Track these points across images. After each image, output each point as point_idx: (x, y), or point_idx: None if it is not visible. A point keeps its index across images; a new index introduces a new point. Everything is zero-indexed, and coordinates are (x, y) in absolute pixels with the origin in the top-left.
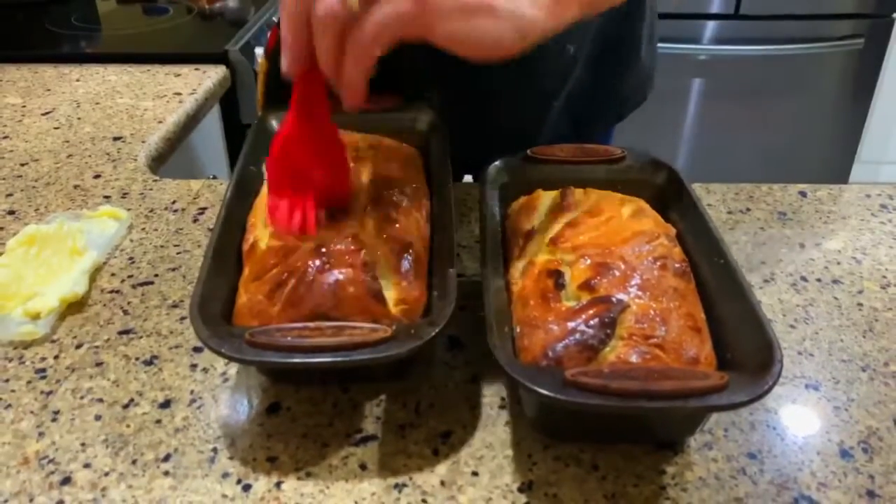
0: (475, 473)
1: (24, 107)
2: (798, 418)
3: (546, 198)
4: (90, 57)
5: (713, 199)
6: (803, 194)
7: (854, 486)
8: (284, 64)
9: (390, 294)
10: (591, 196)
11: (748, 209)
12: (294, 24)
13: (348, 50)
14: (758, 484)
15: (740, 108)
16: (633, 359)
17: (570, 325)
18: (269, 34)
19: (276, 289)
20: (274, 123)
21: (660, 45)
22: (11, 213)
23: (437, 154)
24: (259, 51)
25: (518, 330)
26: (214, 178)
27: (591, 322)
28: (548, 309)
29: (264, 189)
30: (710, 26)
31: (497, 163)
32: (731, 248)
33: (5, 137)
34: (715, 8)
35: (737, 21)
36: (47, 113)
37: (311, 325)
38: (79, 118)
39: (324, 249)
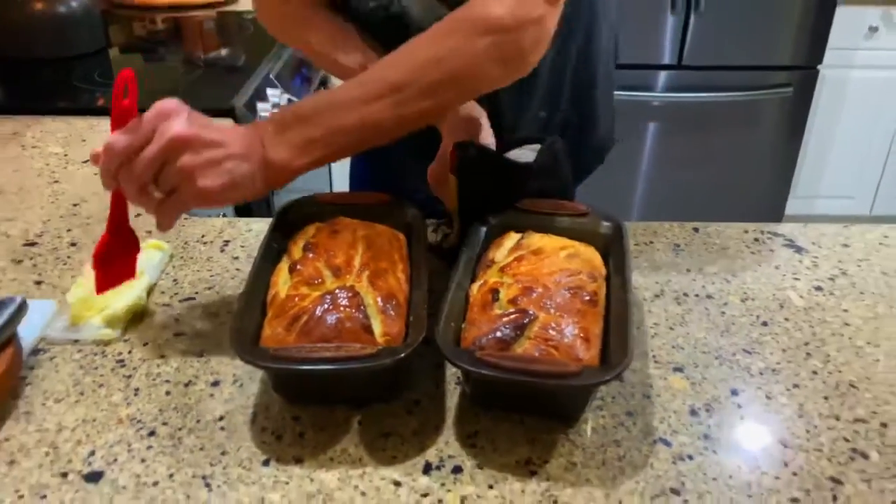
0: (436, 427)
1: (66, 155)
2: (665, 390)
3: (512, 237)
4: None
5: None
6: (696, 230)
7: (696, 433)
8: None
9: (378, 329)
10: (543, 240)
11: (651, 242)
12: (107, 156)
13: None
14: (630, 431)
15: (690, 147)
16: (535, 353)
17: (494, 325)
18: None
19: (292, 323)
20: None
21: (620, 92)
22: (73, 244)
23: (416, 237)
24: (261, 105)
25: (464, 326)
26: (224, 216)
27: (508, 325)
28: (484, 314)
29: (283, 261)
30: (662, 76)
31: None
32: (636, 270)
33: (56, 182)
34: (664, 59)
35: (681, 71)
36: (86, 161)
37: (317, 344)
38: None
39: (329, 296)
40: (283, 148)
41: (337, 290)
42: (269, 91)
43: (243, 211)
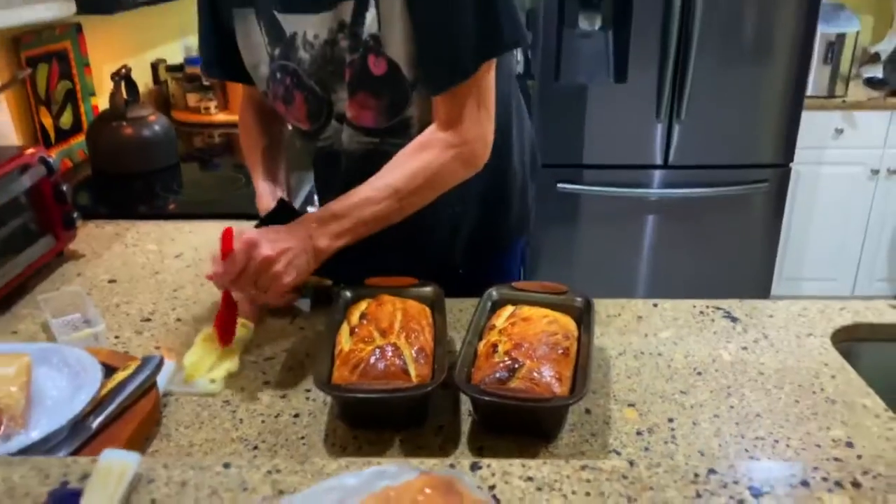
0: (454, 444)
1: (160, 252)
2: (619, 419)
3: (509, 309)
4: (197, 215)
5: (601, 307)
6: (655, 305)
7: (639, 446)
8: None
9: (412, 372)
10: (532, 310)
11: (619, 314)
12: (220, 279)
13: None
14: (592, 446)
15: (684, 235)
16: (523, 388)
17: (494, 369)
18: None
19: (354, 368)
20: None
21: (620, 189)
22: (178, 319)
23: (438, 308)
24: (310, 209)
25: (473, 370)
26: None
27: (504, 369)
28: (487, 361)
29: (344, 326)
30: (654, 174)
31: (492, 289)
32: (606, 334)
33: (157, 273)
34: (655, 160)
35: (670, 170)
36: (178, 256)
37: (371, 382)
38: (200, 259)
39: (378, 350)
40: (325, 238)
41: (384, 346)
42: (318, 198)
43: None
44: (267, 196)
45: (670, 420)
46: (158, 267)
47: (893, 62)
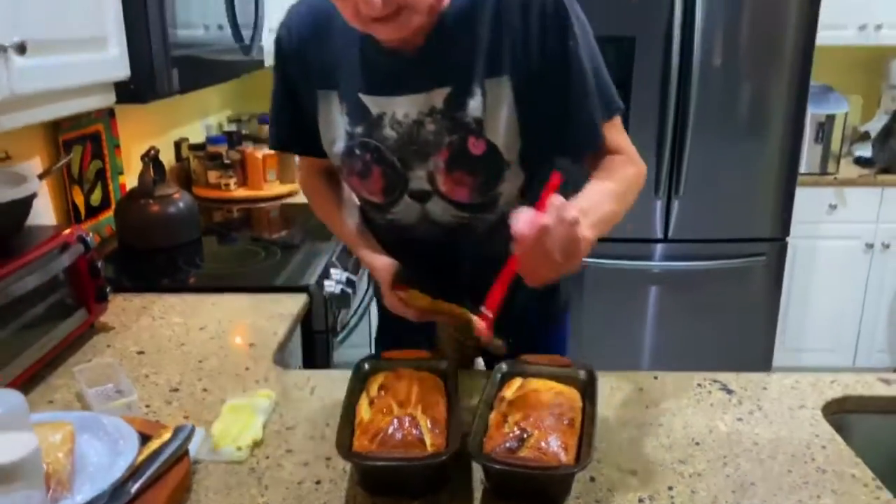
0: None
1: (185, 324)
2: (622, 486)
3: (518, 381)
4: (219, 288)
5: (605, 379)
6: (656, 377)
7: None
8: None
9: (428, 442)
10: (539, 383)
11: (621, 386)
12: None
13: None
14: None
15: (687, 307)
16: (531, 457)
17: (505, 439)
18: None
19: (373, 437)
20: (367, 367)
21: (623, 262)
22: (205, 390)
23: (451, 380)
24: (327, 283)
25: (485, 440)
26: (301, 367)
27: (514, 439)
28: (498, 431)
29: (363, 397)
30: (656, 248)
31: (502, 363)
32: (609, 405)
33: (183, 345)
34: (656, 234)
35: (670, 244)
36: (202, 328)
37: (392, 453)
38: (223, 331)
39: (396, 420)
40: (587, 229)
41: (402, 417)
42: (333, 270)
43: (310, 360)
44: (374, 251)
45: (670, 488)
46: (184, 339)
47: (881, 141)
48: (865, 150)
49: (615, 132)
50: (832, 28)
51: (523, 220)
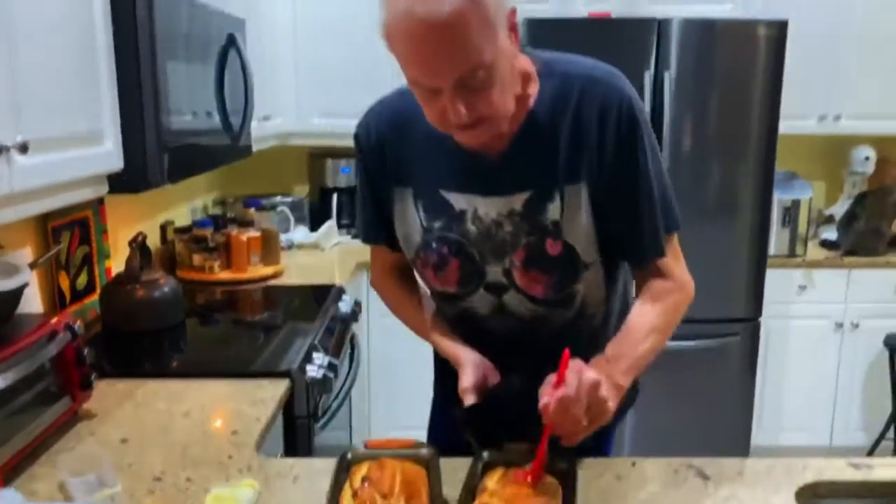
0: None
1: (169, 410)
2: None
3: (499, 471)
4: (202, 373)
5: (584, 467)
6: (633, 464)
7: None
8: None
9: None
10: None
11: (602, 474)
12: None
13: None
14: None
15: (666, 390)
16: None
17: None
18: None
19: None
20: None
21: None
22: (189, 479)
23: (433, 469)
24: (309, 367)
25: None
26: (283, 456)
27: None
28: None
29: (347, 487)
30: None
31: (484, 452)
32: (589, 493)
33: (167, 431)
34: None
35: None
36: (186, 414)
37: None
38: (207, 417)
39: None
40: (620, 375)
41: None
42: (315, 354)
43: (292, 446)
44: (457, 349)
45: None
46: (168, 425)
47: (845, 225)
48: (831, 233)
49: (669, 250)
50: (794, 118)
51: (546, 392)
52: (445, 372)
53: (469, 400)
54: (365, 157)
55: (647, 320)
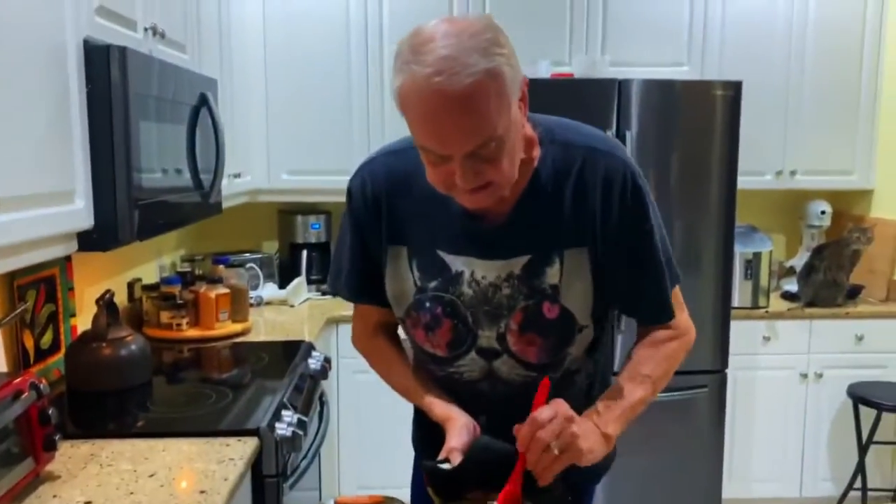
0: None
1: (135, 471)
2: None
3: None
4: (169, 433)
5: None
6: None
7: None
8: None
9: None
10: None
11: None
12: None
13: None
14: None
15: (635, 442)
16: None
17: None
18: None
19: None
20: None
21: None
22: None
23: None
24: (279, 425)
25: None
26: None
27: None
28: None
29: None
30: None
31: None
32: None
33: (132, 493)
34: None
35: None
36: (152, 475)
37: None
38: (174, 478)
39: None
40: (611, 424)
41: None
42: (284, 412)
43: None
44: (450, 410)
45: None
46: (133, 487)
47: (804, 278)
48: (792, 285)
49: (673, 299)
50: (752, 174)
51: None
52: (427, 428)
53: (456, 459)
54: (357, 213)
55: (640, 370)
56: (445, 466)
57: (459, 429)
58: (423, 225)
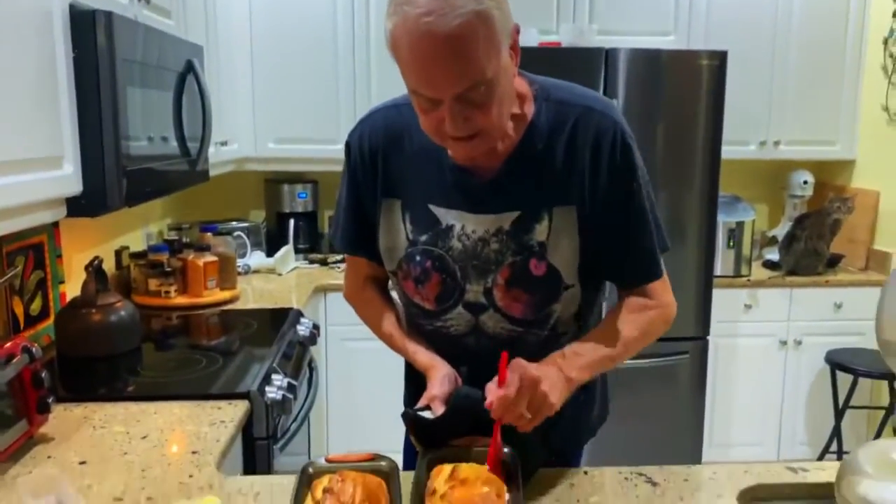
0: None
1: (127, 433)
2: None
3: (446, 469)
4: (160, 396)
5: (539, 476)
6: (585, 472)
7: None
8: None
9: None
10: (469, 470)
11: (556, 484)
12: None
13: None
14: None
15: (617, 407)
16: None
17: None
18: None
19: None
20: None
21: None
22: (149, 499)
23: (393, 480)
24: (268, 388)
25: None
26: (245, 474)
27: None
28: None
29: (309, 500)
30: None
31: (429, 452)
32: (541, 501)
33: (125, 454)
34: None
35: None
36: (145, 437)
37: None
38: (166, 440)
39: None
40: (574, 370)
41: None
42: (274, 376)
43: (251, 468)
44: (433, 360)
45: None
46: (126, 448)
47: (785, 248)
48: (774, 254)
49: (660, 259)
50: (736, 144)
51: (490, 392)
52: (418, 386)
53: (438, 409)
54: (354, 167)
55: (615, 329)
56: (426, 415)
57: (441, 378)
58: (416, 178)
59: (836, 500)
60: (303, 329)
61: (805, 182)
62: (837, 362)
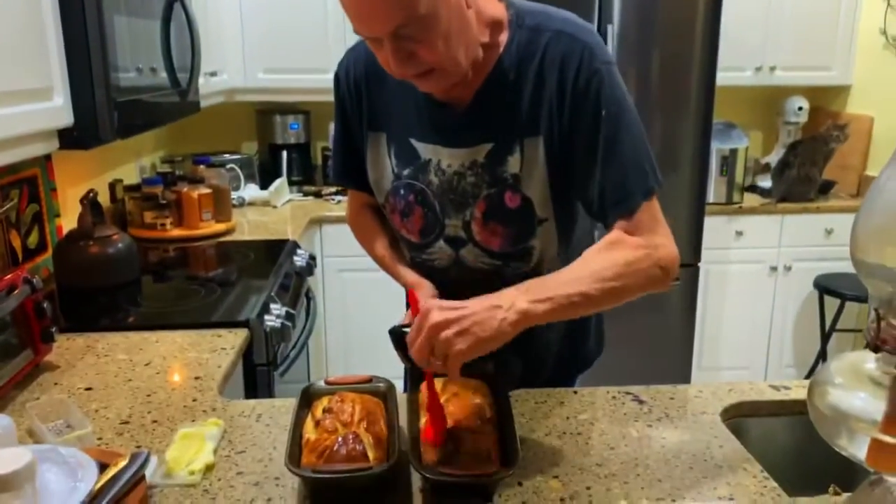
0: None
1: (131, 360)
2: (546, 488)
3: (437, 383)
4: (161, 326)
5: (529, 395)
6: (575, 392)
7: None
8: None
9: (371, 455)
10: (458, 386)
11: (545, 400)
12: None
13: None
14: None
15: (612, 335)
16: (467, 459)
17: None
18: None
19: (319, 455)
20: (311, 392)
21: None
22: (154, 421)
23: (390, 400)
24: (267, 317)
25: (422, 451)
26: (248, 398)
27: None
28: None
29: (309, 419)
30: None
31: (412, 368)
32: (535, 419)
33: (130, 380)
34: None
35: None
36: (148, 364)
37: (335, 466)
38: (168, 367)
39: (341, 438)
40: (526, 301)
41: (346, 434)
42: (272, 305)
43: (253, 394)
44: (420, 279)
45: (588, 488)
46: (130, 375)
47: (779, 174)
48: (766, 182)
49: (644, 209)
50: (731, 70)
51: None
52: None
53: None
54: (343, 99)
55: (587, 263)
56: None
57: (427, 296)
58: (398, 112)
59: (809, 410)
60: (299, 260)
61: (800, 108)
62: (825, 286)
